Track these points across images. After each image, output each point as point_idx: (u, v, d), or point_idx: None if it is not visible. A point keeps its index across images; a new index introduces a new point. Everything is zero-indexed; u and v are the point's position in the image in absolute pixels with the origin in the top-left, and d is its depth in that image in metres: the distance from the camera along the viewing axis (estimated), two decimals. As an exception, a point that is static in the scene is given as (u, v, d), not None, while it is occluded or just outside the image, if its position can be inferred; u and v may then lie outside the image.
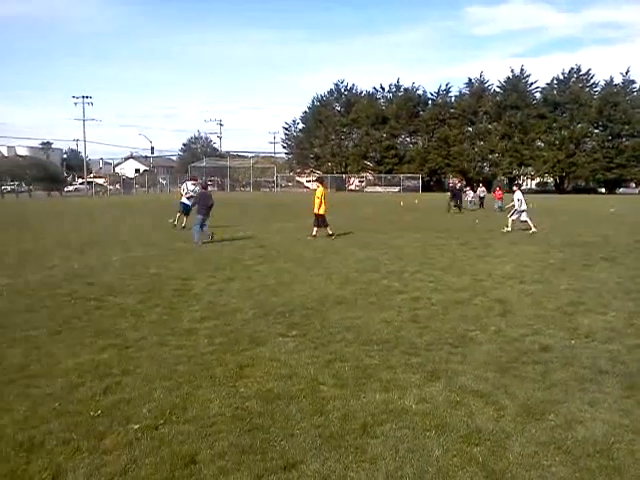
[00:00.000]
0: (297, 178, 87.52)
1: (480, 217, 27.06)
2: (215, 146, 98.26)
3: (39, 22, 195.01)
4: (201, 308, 8.34)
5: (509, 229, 20.04)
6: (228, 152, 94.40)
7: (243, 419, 4.55)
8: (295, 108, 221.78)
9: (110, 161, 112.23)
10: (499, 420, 4.59)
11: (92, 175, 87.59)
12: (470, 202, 35.59)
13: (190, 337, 6.85)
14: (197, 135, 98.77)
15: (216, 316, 7.86)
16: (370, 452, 4.05)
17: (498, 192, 33.72)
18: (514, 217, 20.39)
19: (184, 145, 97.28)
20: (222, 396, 5.01)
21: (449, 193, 32.25)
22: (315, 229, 17.73)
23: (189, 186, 20.57)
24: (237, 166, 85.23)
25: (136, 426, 4.41)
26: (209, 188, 20.82)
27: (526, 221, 20.11)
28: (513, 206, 20.63)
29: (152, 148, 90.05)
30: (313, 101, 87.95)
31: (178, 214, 20.51)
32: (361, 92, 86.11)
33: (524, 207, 20.36)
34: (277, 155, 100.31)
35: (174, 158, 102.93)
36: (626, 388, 5.29)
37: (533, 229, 19.59)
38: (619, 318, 7.85)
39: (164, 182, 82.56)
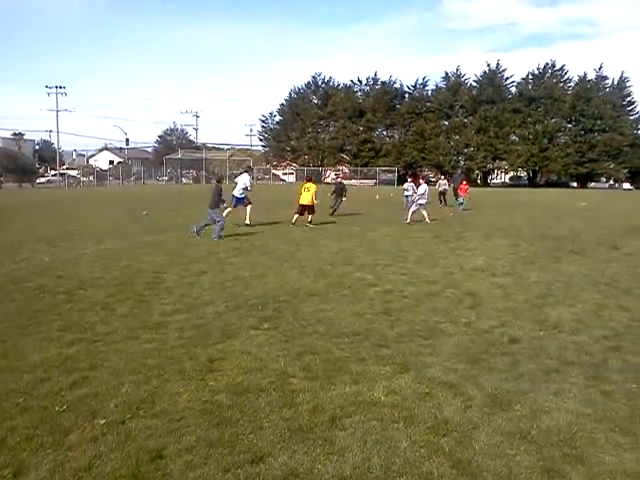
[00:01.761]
0: (273, 171, 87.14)
1: (450, 212, 27.22)
2: (191, 138, 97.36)
3: (10, 11, 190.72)
4: (172, 301, 8.27)
5: (409, 221, 20.23)
6: (204, 144, 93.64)
7: (212, 413, 4.53)
8: (272, 100, 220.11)
9: (84, 153, 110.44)
10: (467, 411, 4.64)
11: (65, 167, 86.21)
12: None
13: (160, 330, 6.79)
14: (173, 127, 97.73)
15: (187, 309, 7.81)
16: (338, 444, 4.07)
17: (464, 186, 29.08)
18: (414, 208, 20.75)
19: (159, 137, 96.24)
20: (191, 390, 4.98)
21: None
22: (310, 217, 19.27)
23: (246, 178, 19.46)
24: (213, 158, 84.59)
25: (102, 421, 4.36)
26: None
27: (422, 213, 20.64)
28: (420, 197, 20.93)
29: (127, 140, 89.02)
30: (290, 93, 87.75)
31: (229, 209, 18.55)
32: (338, 85, 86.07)
33: (424, 201, 20.77)
34: (254, 148, 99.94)
35: (149, 150, 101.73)
36: (590, 378, 5.39)
37: (427, 220, 20.35)
38: (586, 310, 7.99)
39: (138, 174, 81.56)
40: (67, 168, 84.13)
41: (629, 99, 76.56)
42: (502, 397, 4.90)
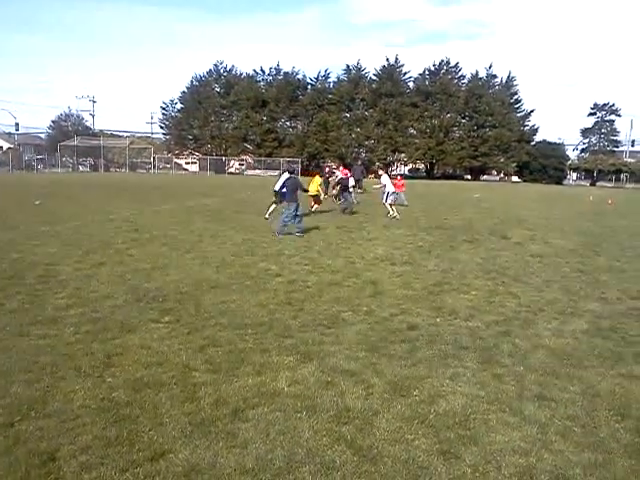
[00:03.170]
0: (175, 160, 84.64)
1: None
2: (88, 124, 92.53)
3: None
4: (67, 295, 7.87)
5: (395, 214, 19.76)
6: (102, 131, 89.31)
7: (109, 410, 4.36)
8: (174, 88, 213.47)
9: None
10: (367, 398, 4.76)
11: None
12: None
13: (54, 326, 6.44)
14: (68, 112, 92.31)
15: (83, 303, 7.46)
16: (241, 437, 4.04)
17: (398, 182, 25.46)
18: (390, 200, 20.59)
19: (53, 122, 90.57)
20: (87, 387, 4.77)
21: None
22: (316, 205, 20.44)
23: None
24: (112, 146, 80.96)
25: (-12, 425, 4.08)
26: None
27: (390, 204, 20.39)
28: (382, 190, 20.86)
29: (17, 124, 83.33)
30: (192, 81, 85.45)
31: (275, 205, 18.10)
32: (241, 74, 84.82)
33: (392, 189, 20.72)
34: (154, 136, 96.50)
35: (42, 136, 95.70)
36: (483, 362, 5.69)
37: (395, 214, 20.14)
38: (479, 297, 8.42)
39: (31, 161, 76.65)
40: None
41: (516, 97, 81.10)
42: (401, 383, 5.07)
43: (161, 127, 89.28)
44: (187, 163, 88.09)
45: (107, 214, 18.39)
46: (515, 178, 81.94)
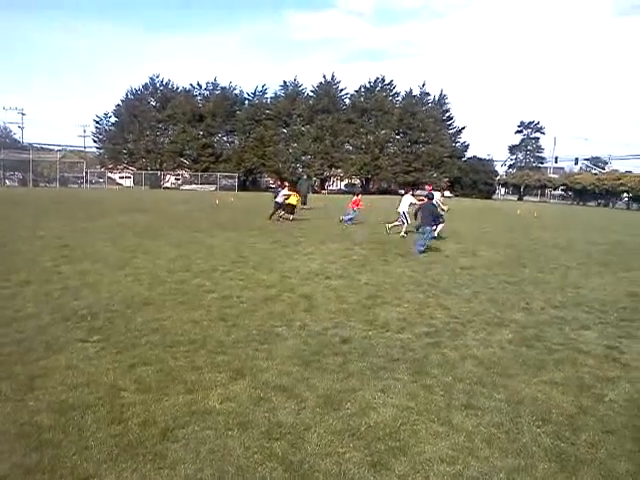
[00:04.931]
0: (109, 174, 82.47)
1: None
2: (16, 137, 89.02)
3: None
4: (-12, 316, 7.52)
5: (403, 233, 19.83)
6: (31, 144, 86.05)
7: (30, 436, 4.19)
8: (108, 101, 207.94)
9: None
10: (300, 413, 4.77)
11: None
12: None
13: (-28, 349, 6.14)
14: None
15: (7, 323, 7.14)
16: (170, 457, 3.97)
17: (357, 199, 25.12)
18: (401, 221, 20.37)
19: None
20: (7, 412, 4.57)
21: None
22: (291, 216, 23.80)
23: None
24: (41, 160, 78.05)
25: None
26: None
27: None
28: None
29: None
30: (127, 94, 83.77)
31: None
32: (177, 88, 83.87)
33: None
34: (87, 149, 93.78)
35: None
36: (414, 373, 5.81)
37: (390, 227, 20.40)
38: (410, 309, 8.61)
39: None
40: None
41: (448, 114, 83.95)
42: (333, 397, 5.11)
43: (94, 141, 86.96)
44: (121, 177, 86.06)
45: (35, 230, 17.70)
46: (447, 193, 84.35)
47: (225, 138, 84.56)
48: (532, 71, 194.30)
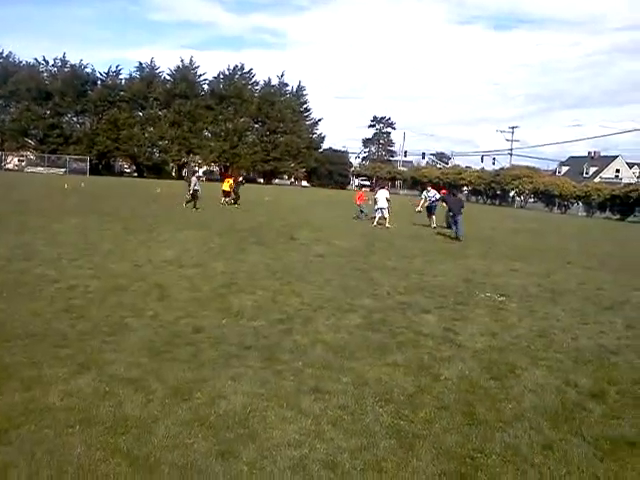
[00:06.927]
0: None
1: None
2: None
3: None
4: None
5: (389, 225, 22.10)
6: None
7: None
8: None
9: None
10: (147, 405, 4.62)
11: None
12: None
13: None
14: None
15: None
16: (0, 462, 3.66)
17: (360, 193, 27.00)
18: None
19: None
20: None
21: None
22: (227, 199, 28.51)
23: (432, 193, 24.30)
24: None
25: None
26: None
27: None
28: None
29: None
30: (-42, 64, 75.44)
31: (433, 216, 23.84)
32: (20, 62, 76.99)
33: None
34: None
35: None
36: (265, 360, 5.87)
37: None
38: (265, 296, 8.68)
39: None
40: None
41: (305, 106, 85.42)
42: (183, 387, 5.01)
43: None
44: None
45: None
46: (305, 183, 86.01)
47: (75, 119, 79.27)
48: (384, 69, 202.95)
